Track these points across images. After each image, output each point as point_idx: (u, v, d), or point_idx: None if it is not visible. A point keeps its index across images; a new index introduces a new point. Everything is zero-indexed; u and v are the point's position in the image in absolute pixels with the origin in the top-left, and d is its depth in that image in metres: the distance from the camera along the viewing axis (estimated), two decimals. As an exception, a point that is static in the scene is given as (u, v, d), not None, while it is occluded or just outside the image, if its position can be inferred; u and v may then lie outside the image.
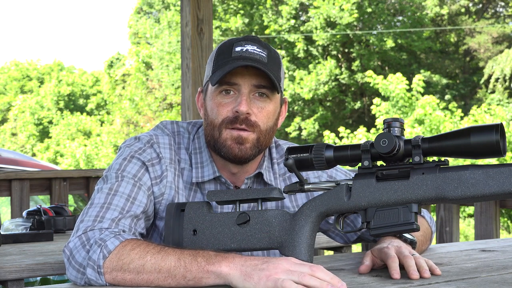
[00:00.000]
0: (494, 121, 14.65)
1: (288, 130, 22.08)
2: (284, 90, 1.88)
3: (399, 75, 16.73)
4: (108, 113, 29.42)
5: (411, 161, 1.54)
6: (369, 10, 21.76)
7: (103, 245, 1.52)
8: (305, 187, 1.63)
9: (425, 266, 1.56)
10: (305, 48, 22.26)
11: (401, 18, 23.33)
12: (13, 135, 30.04)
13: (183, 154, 1.85)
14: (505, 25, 23.73)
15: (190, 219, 1.64)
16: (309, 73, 21.90)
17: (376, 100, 16.49)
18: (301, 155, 1.61)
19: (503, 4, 24.81)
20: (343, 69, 22.34)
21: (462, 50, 24.06)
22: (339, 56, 22.88)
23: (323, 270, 1.39)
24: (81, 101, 32.24)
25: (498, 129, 1.45)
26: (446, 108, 17.15)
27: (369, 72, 17.52)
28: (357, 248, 8.09)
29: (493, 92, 21.19)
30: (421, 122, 15.01)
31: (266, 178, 1.87)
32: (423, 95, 16.47)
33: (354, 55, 22.48)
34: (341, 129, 16.60)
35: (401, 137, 1.54)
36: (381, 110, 16.11)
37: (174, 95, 24.06)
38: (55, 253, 2.32)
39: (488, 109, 15.96)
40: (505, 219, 14.01)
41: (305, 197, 1.92)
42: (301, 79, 21.67)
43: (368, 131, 16.70)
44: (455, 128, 10.02)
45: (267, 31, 22.43)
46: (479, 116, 14.97)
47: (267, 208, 1.85)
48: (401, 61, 22.97)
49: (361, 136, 15.22)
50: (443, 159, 1.54)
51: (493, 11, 25.32)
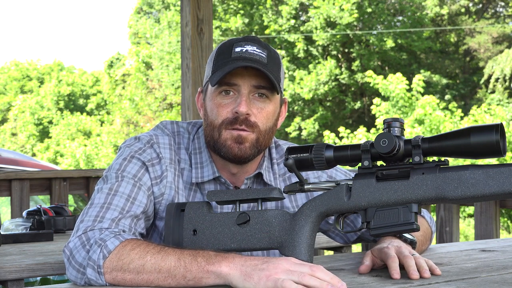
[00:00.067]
0: (494, 121, 14.65)
1: (288, 130, 22.08)
2: (284, 90, 1.88)
3: (399, 75, 16.73)
4: (108, 113, 29.42)
5: (411, 161, 1.54)
6: (369, 10, 21.76)
7: (103, 245, 1.52)
8: (305, 187, 1.63)
9: (425, 266, 1.56)
10: (305, 48, 22.26)
11: (401, 18, 23.33)
12: (13, 135, 30.04)
13: (183, 154, 1.85)
14: (505, 25, 23.73)
15: (190, 219, 1.64)
16: (309, 73, 21.90)
17: (376, 100, 16.49)
18: (301, 155, 1.61)
19: (503, 4, 24.80)
20: (343, 69, 22.34)
21: (462, 50, 24.06)
22: (339, 56, 22.88)
23: (323, 270, 1.39)
24: (81, 101, 32.24)
25: (498, 129, 1.45)
26: (446, 108, 17.15)
27: (369, 72, 17.52)
28: (357, 248, 8.09)
29: (493, 92, 21.19)
30: (421, 122, 15.01)
31: (266, 178, 1.87)
32: (423, 95, 16.47)
33: (354, 55, 22.48)
34: (341, 129, 16.60)
35: (401, 137, 1.54)
36: (381, 110, 16.10)
37: (174, 95, 24.06)
38: (55, 253, 2.32)
39: (488, 109, 15.95)
40: (505, 219, 14.00)
41: (305, 197, 1.92)
42: (301, 79, 21.67)
43: (368, 131, 16.70)
44: (455, 128, 10.01)
45: (267, 31, 22.43)
46: (479, 116, 14.97)
47: (267, 208, 1.85)
48: (401, 61, 22.97)
49: (361, 136, 15.21)
50: (443, 159, 1.54)
51: (493, 11, 25.31)
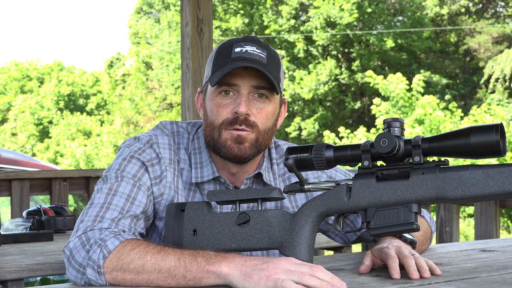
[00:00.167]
0: (494, 121, 14.65)
1: (288, 130, 22.08)
2: (284, 90, 1.88)
3: (399, 75, 16.73)
4: (108, 113, 29.42)
5: (411, 161, 1.54)
6: (369, 10, 21.76)
7: (103, 245, 1.52)
8: (305, 187, 1.63)
9: (425, 266, 1.56)
10: (305, 48, 22.26)
11: (401, 18, 23.33)
12: (13, 135, 30.04)
13: (183, 154, 1.85)
14: (505, 25, 23.72)
15: (190, 219, 1.64)
16: (309, 73, 21.90)
17: (376, 100, 16.49)
18: (301, 155, 1.60)
19: (503, 4, 24.81)
20: (343, 69, 22.34)
21: (462, 50, 24.06)
22: (339, 56, 22.88)
23: (323, 270, 1.39)
24: (81, 101, 32.25)
25: (498, 129, 1.45)
26: (446, 108, 17.15)
27: (369, 72, 17.52)
28: (357, 248, 8.09)
29: (493, 92, 21.19)
30: (421, 122, 15.01)
31: (265, 178, 1.87)
32: (423, 95, 16.47)
33: (354, 55, 22.48)
34: (341, 129, 16.60)
35: (401, 137, 1.54)
36: (381, 110, 16.10)
37: (174, 95, 24.06)
38: (55, 253, 2.32)
39: (488, 109, 15.95)
40: (505, 219, 14.00)
41: (304, 198, 1.91)
42: (301, 79, 21.67)
43: (368, 131, 16.70)
44: (455, 128, 10.01)
45: (267, 31, 22.43)
46: (479, 116, 14.97)
47: (266, 208, 1.85)
48: (401, 61, 22.97)
49: (361, 136, 15.21)
50: (443, 159, 1.54)
51: (493, 11, 25.31)
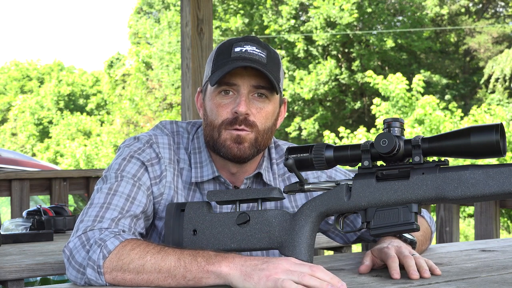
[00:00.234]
0: (494, 121, 14.65)
1: (288, 130, 22.08)
2: (284, 90, 1.88)
3: (399, 75, 16.73)
4: (108, 113, 29.42)
5: (411, 161, 1.54)
6: (369, 10, 21.76)
7: (103, 245, 1.52)
8: (305, 187, 1.63)
9: (425, 266, 1.56)
10: (305, 48, 22.26)
11: (401, 18, 23.33)
12: (13, 135, 30.04)
13: (182, 154, 1.85)
14: (505, 25, 23.72)
15: (190, 219, 1.64)
16: (309, 73, 21.90)
17: (376, 100, 16.49)
18: (301, 155, 1.60)
19: (503, 4, 24.80)
20: (343, 69, 22.34)
21: (462, 50, 24.06)
22: (339, 56, 22.88)
23: (323, 270, 1.38)
24: (81, 101, 32.25)
25: (498, 129, 1.45)
26: (446, 108, 17.15)
27: (369, 72, 17.52)
28: (357, 248, 8.09)
29: (493, 92, 21.19)
30: (421, 122, 15.01)
31: (265, 178, 1.87)
32: (423, 95, 16.47)
33: (354, 55, 22.48)
34: (341, 129, 16.60)
35: (401, 137, 1.54)
36: (381, 110, 16.10)
37: (174, 95, 24.06)
38: (55, 253, 2.32)
39: (488, 109, 15.95)
40: (505, 219, 14.00)
41: (304, 198, 1.91)
42: (301, 79, 21.67)
43: (368, 131, 16.70)
44: (455, 128, 10.01)
45: (267, 31, 22.43)
46: (479, 116, 14.97)
47: (266, 208, 1.85)
48: (401, 61, 22.97)
49: (361, 136, 15.21)
50: (443, 159, 1.54)
51: (493, 11, 25.31)
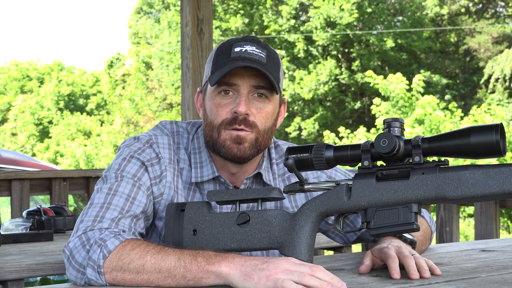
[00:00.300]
0: (494, 121, 14.65)
1: (288, 130, 22.08)
2: (284, 90, 1.88)
3: (399, 75, 16.73)
4: (108, 113, 29.42)
5: (411, 161, 1.54)
6: (369, 10, 21.76)
7: (103, 245, 1.52)
8: (305, 187, 1.63)
9: (425, 266, 1.56)
10: (305, 48, 22.26)
11: (401, 18, 23.33)
12: (13, 135, 30.04)
13: (182, 154, 1.85)
14: (505, 25, 23.72)
15: (190, 219, 1.64)
16: (309, 73, 21.89)
17: (376, 100, 16.49)
18: (301, 155, 1.60)
19: (503, 4, 24.80)
20: (343, 69, 22.34)
21: (462, 50, 24.06)
22: (339, 56, 22.88)
23: (323, 270, 1.38)
24: (81, 101, 32.25)
25: (498, 129, 1.45)
26: (446, 108, 17.15)
27: (369, 72, 17.52)
28: (357, 248, 8.09)
29: (493, 92, 21.19)
30: (421, 122, 15.01)
31: (265, 178, 1.87)
32: (423, 95, 16.47)
33: (354, 55, 22.48)
34: (341, 129, 16.60)
35: (401, 137, 1.54)
36: (381, 110, 16.10)
37: (174, 95, 24.06)
38: (55, 253, 2.32)
39: (488, 109, 15.95)
40: (505, 219, 14.00)
41: (304, 198, 1.91)
42: (301, 79, 21.67)
43: (368, 131, 16.69)
44: (455, 128, 10.01)
45: (267, 31, 22.43)
46: (479, 116, 14.97)
47: (266, 208, 1.85)
48: (401, 61, 22.97)
49: (361, 136, 15.21)
50: (443, 159, 1.54)
51: (493, 11, 25.31)
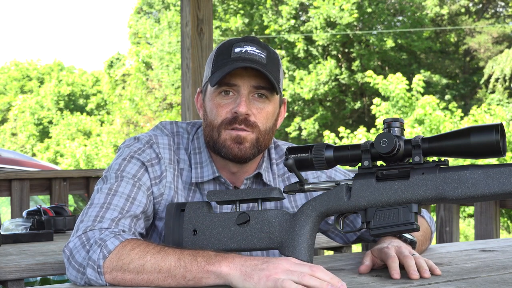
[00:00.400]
0: (494, 121, 14.65)
1: (288, 130, 22.08)
2: (284, 90, 1.88)
3: (399, 75, 16.73)
4: (108, 113, 29.42)
5: (411, 161, 1.54)
6: (369, 10, 21.76)
7: (103, 245, 1.52)
8: (305, 187, 1.63)
9: (425, 266, 1.56)
10: (305, 48, 22.26)
11: (401, 18, 23.33)
12: (13, 135, 30.04)
13: (182, 154, 1.85)
14: (505, 25, 23.72)
15: (190, 219, 1.64)
16: (309, 73, 21.89)
17: (376, 100, 16.49)
18: (301, 155, 1.60)
19: (503, 4, 24.80)
20: (343, 69, 22.34)
21: (462, 50, 24.06)
22: (339, 56, 22.88)
23: (323, 270, 1.39)
24: (81, 101, 32.25)
25: (498, 129, 1.45)
26: (446, 108, 17.15)
27: (369, 72, 17.51)
28: (357, 248, 8.09)
29: (493, 92, 21.19)
30: (421, 122, 15.01)
31: (265, 178, 1.87)
32: (423, 95, 16.47)
33: (354, 55, 22.48)
34: (341, 129, 16.60)
35: (401, 137, 1.54)
36: (381, 110, 16.10)
37: (174, 95, 24.06)
38: (55, 253, 2.32)
39: (488, 109, 15.95)
40: (505, 219, 14.00)
41: (304, 198, 1.91)
42: (301, 79, 21.67)
43: (368, 131, 16.70)
44: (455, 128, 10.01)
45: (267, 31, 22.43)
46: (479, 116, 14.97)
47: (266, 208, 1.85)
48: (401, 61, 22.96)
49: (361, 136, 15.21)
50: (443, 159, 1.54)
51: (493, 11, 25.31)
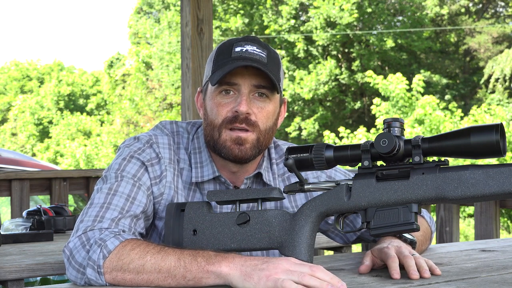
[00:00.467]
0: (494, 121, 14.65)
1: (288, 130, 22.08)
2: (284, 90, 1.88)
3: (399, 75, 16.73)
4: (108, 113, 29.42)
5: (411, 161, 1.54)
6: (369, 10, 21.76)
7: (103, 245, 1.52)
8: (305, 187, 1.63)
9: (425, 266, 1.56)
10: (305, 48, 22.26)
11: (401, 18, 23.33)
12: (13, 135, 30.04)
13: (182, 154, 1.85)
14: (505, 25, 23.72)
15: (190, 219, 1.64)
16: (309, 73, 21.89)
17: (376, 100, 16.49)
18: (301, 155, 1.60)
19: (503, 4, 24.80)
20: (343, 69, 22.34)
21: (462, 50, 24.06)
22: (339, 56, 22.88)
23: (323, 270, 1.38)
24: (81, 101, 32.25)
25: (498, 129, 1.45)
26: (446, 108, 17.15)
27: (369, 72, 17.51)
28: (357, 248, 8.09)
29: (493, 92, 21.19)
30: (421, 122, 15.01)
31: (265, 178, 1.87)
32: (423, 95, 16.47)
33: (354, 55, 22.48)
34: (341, 129, 16.60)
35: (401, 137, 1.54)
36: (381, 110, 16.10)
37: (174, 95, 24.06)
38: (55, 253, 2.32)
39: (488, 109, 15.96)
40: (505, 219, 14.00)
41: (304, 198, 1.91)
42: (301, 79, 21.67)
43: (368, 131, 16.70)
44: (455, 128, 10.01)
45: (267, 31, 22.43)
46: (479, 116, 14.97)
47: (266, 208, 1.85)
48: (401, 61, 22.97)
49: (361, 136, 15.21)
50: (443, 159, 1.54)
51: (493, 11, 25.31)
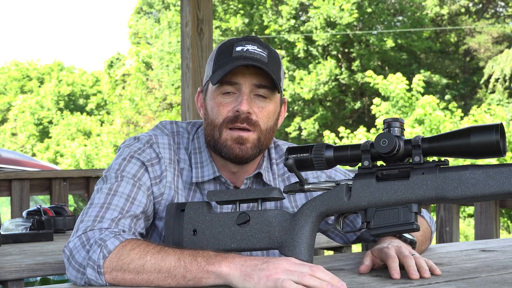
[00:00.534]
0: (494, 121, 14.65)
1: (288, 130, 22.08)
2: (284, 90, 1.88)
3: (399, 75, 16.73)
4: (108, 113, 29.42)
5: (411, 161, 1.54)
6: (369, 10, 21.76)
7: (103, 245, 1.52)
8: (305, 187, 1.63)
9: (425, 266, 1.56)
10: (305, 48, 22.26)
11: (401, 18, 23.33)
12: (13, 135, 30.04)
13: (183, 154, 1.85)
14: (505, 25, 23.72)
15: (190, 219, 1.64)
16: (309, 73, 21.89)
17: (376, 100, 16.49)
18: (301, 155, 1.60)
19: (503, 4, 24.80)
20: (343, 69, 22.34)
21: (462, 50, 24.06)
22: (339, 56, 22.88)
23: (323, 270, 1.39)
24: (81, 101, 32.25)
25: (498, 129, 1.45)
26: (446, 108, 17.15)
27: (369, 72, 17.52)
28: (357, 248, 8.09)
29: (493, 92, 21.19)
30: (421, 122, 15.01)
31: (265, 178, 1.87)
32: (423, 95, 16.47)
33: (354, 55, 22.48)
34: (341, 129, 16.60)
35: (401, 137, 1.54)
36: (381, 110, 16.10)
37: (174, 95, 24.06)
38: (55, 253, 2.32)
39: (488, 109, 15.96)
40: (505, 219, 14.01)
41: (304, 198, 1.91)
42: (301, 79, 21.67)
43: (368, 131, 16.70)
44: (455, 128, 10.01)
45: (267, 31, 22.43)
46: (479, 116, 14.97)
47: (266, 208, 1.85)
48: (401, 61, 22.97)
49: (361, 136, 15.21)
50: (443, 159, 1.54)
51: (493, 11, 25.31)
